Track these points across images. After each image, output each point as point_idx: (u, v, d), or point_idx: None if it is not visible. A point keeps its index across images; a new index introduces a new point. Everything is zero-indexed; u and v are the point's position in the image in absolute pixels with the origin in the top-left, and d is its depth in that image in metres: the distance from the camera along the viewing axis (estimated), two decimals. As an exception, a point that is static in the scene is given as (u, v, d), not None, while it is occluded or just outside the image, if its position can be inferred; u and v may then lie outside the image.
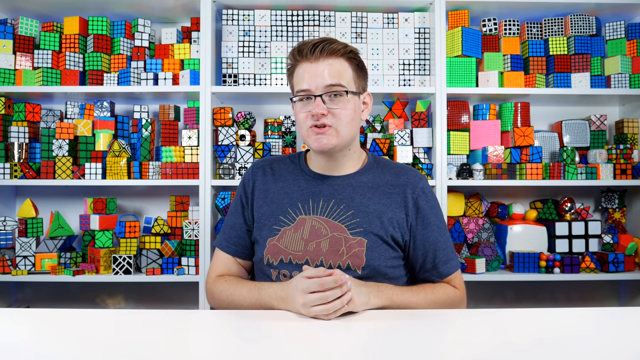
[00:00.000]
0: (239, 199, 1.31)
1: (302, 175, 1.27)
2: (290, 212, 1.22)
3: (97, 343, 0.85)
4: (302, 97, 1.18)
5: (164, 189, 2.39)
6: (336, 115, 1.16)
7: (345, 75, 1.18)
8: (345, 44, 1.20)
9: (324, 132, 1.16)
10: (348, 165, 1.26)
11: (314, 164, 1.28)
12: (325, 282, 0.98)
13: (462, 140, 2.27)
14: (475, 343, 0.86)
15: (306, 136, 1.20)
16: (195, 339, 0.88)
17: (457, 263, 1.28)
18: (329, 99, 1.16)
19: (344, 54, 1.19)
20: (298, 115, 1.21)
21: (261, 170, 1.31)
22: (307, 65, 1.18)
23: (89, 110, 2.25)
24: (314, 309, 0.97)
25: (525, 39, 2.32)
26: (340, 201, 1.21)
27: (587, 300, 2.44)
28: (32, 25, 2.25)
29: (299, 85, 1.18)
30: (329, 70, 1.16)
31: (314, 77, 1.16)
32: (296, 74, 1.21)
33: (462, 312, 1.08)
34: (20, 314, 1.05)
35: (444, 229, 1.27)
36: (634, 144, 2.30)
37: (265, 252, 1.21)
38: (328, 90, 1.16)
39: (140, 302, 2.41)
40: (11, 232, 2.20)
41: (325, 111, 1.15)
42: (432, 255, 1.23)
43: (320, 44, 1.16)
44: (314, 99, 1.16)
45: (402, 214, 1.22)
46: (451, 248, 1.27)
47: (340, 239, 1.18)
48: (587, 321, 1.02)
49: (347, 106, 1.18)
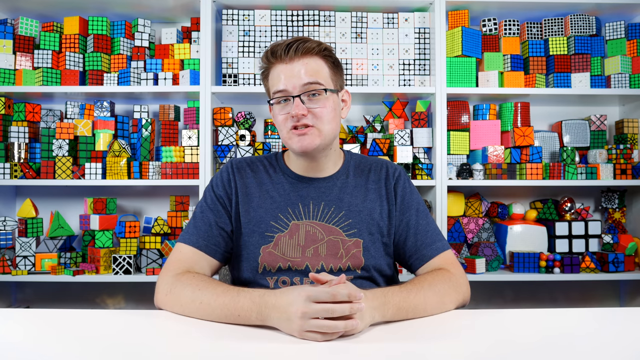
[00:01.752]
0: (215, 199, 1.21)
1: (285, 178, 1.24)
2: (281, 218, 1.19)
3: (97, 343, 0.85)
4: (279, 99, 1.15)
5: (164, 189, 2.39)
6: (317, 115, 1.14)
7: (322, 73, 1.16)
8: (319, 42, 1.17)
9: (305, 133, 1.13)
10: (329, 165, 1.24)
11: (295, 165, 1.24)
12: (337, 294, 0.85)
13: (462, 140, 2.27)
14: (475, 343, 0.86)
15: (287, 138, 1.16)
16: (195, 339, 0.88)
17: (444, 245, 1.20)
18: (307, 99, 1.13)
19: (318, 52, 1.16)
20: (277, 118, 1.18)
21: (239, 171, 1.24)
22: (282, 67, 1.15)
23: (89, 110, 2.25)
24: (312, 322, 0.84)
25: (525, 39, 2.32)
26: (330, 203, 1.20)
27: (587, 300, 2.44)
28: (32, 25, 2.25)
29: (275, 86, 1.15)
30: (305, 69, 1.13)
31: (290, 78, 1.13)
32: (271, 76, 1.18)
33: (462, 312, 1.07)
34: (20, 314, 1.04)
35: (424, 212, 1.23)
36: (634, 144, 2.29)
37: (260, 260, 1.17)
38: (306, 89, 1.13)
39: (140, 302, 2.40)
40: (11, 232, 2.20)
41: (305, 111, 1.12)
42: (413, 239, 1.20)
43: (294, 44, 1.14)
44: (292, 100, 1.13)
45: (387, 205, 1.22)
46: (435, 231, 1.22)
47: (337, 242, 1.17)
48: (587, 321, 1.02)
49: (326, 104, 1.15)
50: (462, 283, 1.14)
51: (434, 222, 1.24)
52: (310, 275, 0.96)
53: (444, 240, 1.22)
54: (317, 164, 1.22)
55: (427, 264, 1.19)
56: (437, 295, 1.05)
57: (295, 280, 1.15)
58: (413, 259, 1.21)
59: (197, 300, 0.99)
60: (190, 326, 0.96)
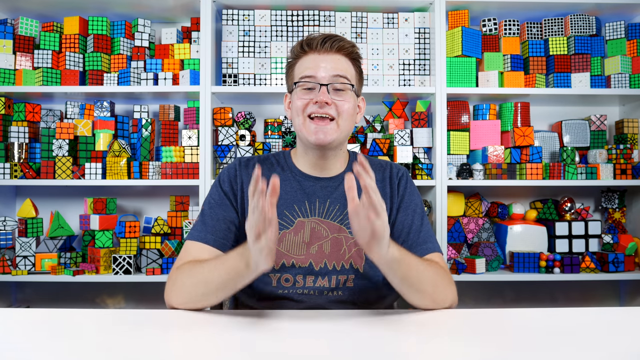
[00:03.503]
0: (223, 194, 1.21)
1: (293, 176, 1.25)
2: (287, 215, 1.20)
3: (97, 343, 0.85)
4: (305, 84, 1.16)
5: (164, 189, 2.39)
6: (339, 107, 1.15)
7: (350, 72, 1.19)
8: (354, 44, 1.20)
9: (325, 126, 1.14)
10: (337, 165, 1.25)
11: (303, 164, 1.25)
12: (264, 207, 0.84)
13: (462, 140, 2.27)
14: (475, 343, 0.86)
15: (302, 126, 1.16)
16: (195, 339, 0.88)
17: (434, 247, 1.19)
18: (333, 91, 1.15)
19: (350, 53, 1.20)
20: (295, 104, 1.18)
21: (247, 168, 1.24)
22: (314, 56, 1.17)
23: (89, 110, 2.25)
24: (256, 245, 0.86)
25: (525, 39, 2.32)
26: (335, 201, 1.21)
27: (587, 300, 2.44)
28: (32, 25, 2.25)
29: (304, 72, 1.16)
30: (336, 63, 1.17)
31: (321, 66, 1.16)
32: (300, 64, 1.19)
33: (463, 312, 1.07)
34: (20, 314, 1.04)
35: (421, 214, 1.23)
36: (634, 144, 2.29)
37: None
38: (334, 80, 1.15)
39: (140, 302, 2.40)
40: (11, 232, 2.20)
41: (329, 100, 1.14)
42: (405, 238, 1.19)
43: (330, 39, 1.17)
44: (318, 88, 1.15)
45: (390, 204, 1.23)
46: (427, 233, 1.21)
47: (340, 239, 1.18)
48: (587, 321, 1.02)
49: (349, 100, 1.17)
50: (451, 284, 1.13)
51: (429, 224, 1.24)
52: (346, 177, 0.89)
53: (436, 243, 1.22)
54: (325, 162, 1.23)
55: None
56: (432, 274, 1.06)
57: (298, 278, 1.16)
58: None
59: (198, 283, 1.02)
60: (190, 325, 0.96)
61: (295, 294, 1.15)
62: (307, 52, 1.19)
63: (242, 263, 0.95)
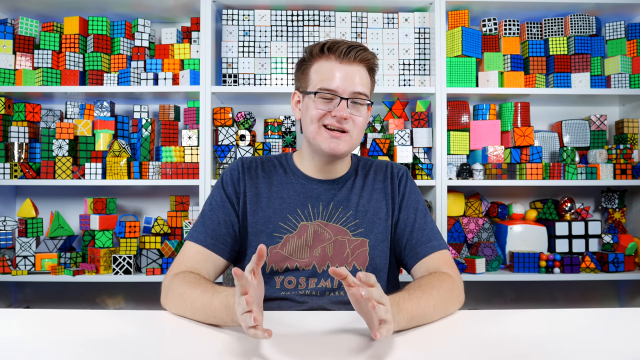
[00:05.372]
0: (225, 197, 1.21)
1: (296, 179, 1.24)
2: (290, 219, 1.20)
3: (97, 343, 0.85)
4: (324, 96, 1.15)
5: (164, 189, 2.39)
6: (355, 122, 1.16)
7: (368, 85, 1.19)
8: (374, 54, 1.20)
9: (340, 137, 1.15)
10: (342, 168, 1.26)
11: (307, 167, 1.25)
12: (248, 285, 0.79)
13: (462, 140, 2.27)
14: (475, 343, 0.86)
15: (316, 134, 1.16)
16: (196, 340, 0.88)
17: (440, 244, 1.18)
18: (351, 105, 1.15)
19: (371, 65, 1.19)
20: (309, 111, 1.17)
21: (249, 170, 1.24)
22: (336, 65, 1.15)
23: (89, 110, 2.25)
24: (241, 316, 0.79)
25: (525, 39, 2.32)
26: (338, 203, 1.22)
27: (587, 300, 2.44)
28: (32, 25, 2.25)
29: (327, 83, 1.15)
30: (359, 77, 1.16)
31: (344, 80, 1.14)
32: (320, 69, 1.17)
33: (462, 312, 1.07)
34: (20, 314, 1.04)
35: (423, 212, 1.24)
36: (634, 144, 2.29)
37: (267, 260, 1.17)
38: (354, 96, 1.15)
39: (140, 302, 2.40)
40: (11, 232, 2.20)
41: (348, 115, 1.14)
42: (409, 237, 1.20)
43: (355, 48, 1.15)
44: (338, 101, 1.14)
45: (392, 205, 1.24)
46: (432, 230, 1.21)
47: (343, 242, 1.18)
48: (587, 321, 1.02)
49: (363, 114, 1.18)
50: (461, 288, 1.13)
51: (432, 222, 1.24)
52: (330, 271, 0.82)
53: (442, 240, 1.21)
54: (332, 167, 1.23)
55: (421, 261, 1.17)
56: (443, 304, 1.03)
57: (301, 280, 1.16)
58: (408, 257, 1.20)
59: (183, 303, 1.01)
60: (190, 326, 0.96)
61: (298, 295, 1.15)
62: (327, 57, 1.16)
63: (227, 317, 0.91)
